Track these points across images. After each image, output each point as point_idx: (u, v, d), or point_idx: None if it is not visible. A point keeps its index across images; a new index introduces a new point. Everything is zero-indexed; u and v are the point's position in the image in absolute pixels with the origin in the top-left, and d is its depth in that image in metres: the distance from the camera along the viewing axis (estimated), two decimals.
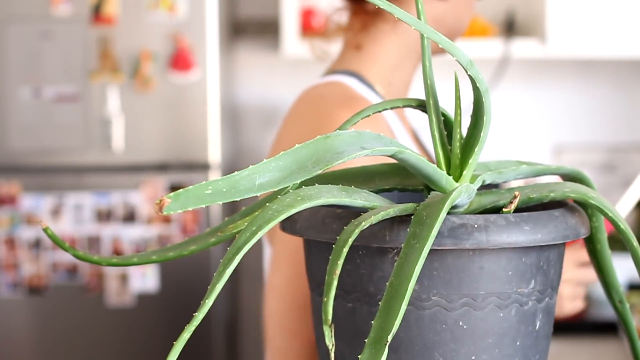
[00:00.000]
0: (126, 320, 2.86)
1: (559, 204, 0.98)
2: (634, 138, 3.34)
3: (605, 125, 3.35)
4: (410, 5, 1.49)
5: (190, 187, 0.78)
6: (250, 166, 0.83)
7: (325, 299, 0.81)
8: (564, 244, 0.96)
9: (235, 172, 0.82)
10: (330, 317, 0.81)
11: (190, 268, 2.80)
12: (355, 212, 0.90)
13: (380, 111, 1.04)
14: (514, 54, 3.04)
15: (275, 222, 0.82)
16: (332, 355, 0.80)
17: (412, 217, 0.87)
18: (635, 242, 0.92)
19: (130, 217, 2.83)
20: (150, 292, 2.84)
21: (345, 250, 0.83)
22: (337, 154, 0.87)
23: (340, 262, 0.82)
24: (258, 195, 0.85)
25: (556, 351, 2.61)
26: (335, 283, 0.81)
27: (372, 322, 0.79)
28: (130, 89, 2.82)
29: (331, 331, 0.81)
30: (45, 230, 1.01)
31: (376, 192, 0.98)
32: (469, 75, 0.90)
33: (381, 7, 0.79)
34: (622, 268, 2.96)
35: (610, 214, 0.93)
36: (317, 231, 0.92)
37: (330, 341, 0.81)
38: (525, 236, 0.89)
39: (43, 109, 2.83)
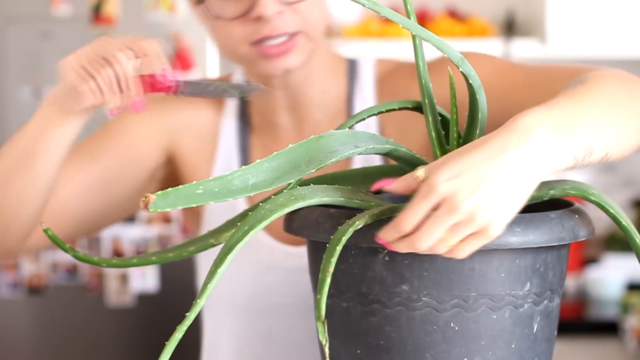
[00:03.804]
0: (126, 320, 2.86)
1: (565, 203, 0.98)
2: None
3: None
4: None
5: (181, 186, 0.78)
6: (243, 166, 0.83)
7: (318, 296, 0.81)
8: (565, 246, 0.96)
9: (228, 172, 0.82)
10: (323, 313, 0.81)
11: (190, 268, 2.79)
12: (349, 212, 0.90)
13: (376, 114, 1.04)
14: (514, 54, 3.04)
15: (268, 222, 0.82)
16: (327, 351, 0.80)
17: None
18: (638, 239, 0.92)
19: (130, 217, 2.83)
20: (150, 292, 2.84)
21: (339, 248, 0.83)
22: (331, 152, 0.87)
23: (334, 260, 0.82)
24: (252, 195, 0.85)
25: (556, 351, 2.61)
26: (328, 280, 0.82)
27: (366, 322, 0.79)
28: None
29: (324, 327, 0.81)
30: (45, 231, 1.01)
31: (376, 192, 0.98)
32: (462, 72, 0.91)
33: (365, 5, 0.79)
34: (622, 268, 2.97)
35: (611, 211, 0.92)
36: (310, 230, 0.92)
37: (323, 337, 0.81)
38: (516, 238, 0.88)
39: None
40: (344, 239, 0.84)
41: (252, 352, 1.36)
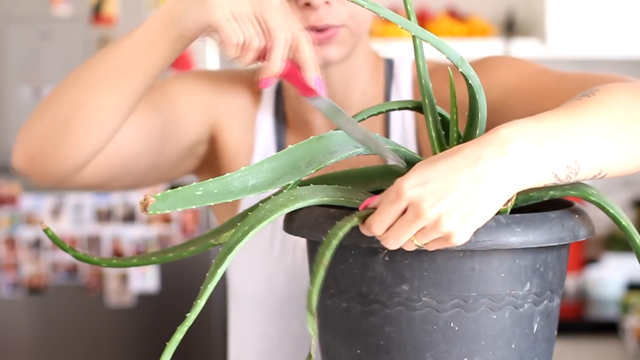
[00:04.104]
0: (126, 320, 2.85)
1: (565, 203, 0.98)
2: None
3: None
4: None
5: (180, 187, 0.78)
6: (243, 167, 0.83)
7: (310, 288, 0.81)
8: (565, 246, 0.96)
9: (227, 174, 0.82)
10: (314, 305, 0.81)
11: (190, 268, 2.79)
12: (349, 213, 0.90)
13: (376, 114, 1.04)
14: (513, 54, 3.04)
15: (268, 222, 0.82)
16: (314, 343, 0.80)
17: None
18: (638, 239, 0.92)
19: (130, 217, 2.83)
20: (150, 292, 2.84)
21: (335, 242, 0.83)
22: (330, 153, 0.88)
23: (329, 253, 0.82)
24: (251, 196, 0.85)
25: (556, 351, 2.61)
26: (321, 273, 0.81)
27: (366, 322, 0.79)
28: None
29: (314, 319, 0.81)
30: (45, 231, 1.01)
31: (377, 193, 0.97)
32: (461, 73, 0.91)
33: (364, 6, 0.79)
34: (622, 268, 2.97)
35: (611, 211, 0.92)
36: (310, 230, 0.92)
37: (312, 328, 0.81)
38: (515, 238, 0.88)
39: None
40: (341, 233, 0.84)
41: (284, 352, 1.35)
